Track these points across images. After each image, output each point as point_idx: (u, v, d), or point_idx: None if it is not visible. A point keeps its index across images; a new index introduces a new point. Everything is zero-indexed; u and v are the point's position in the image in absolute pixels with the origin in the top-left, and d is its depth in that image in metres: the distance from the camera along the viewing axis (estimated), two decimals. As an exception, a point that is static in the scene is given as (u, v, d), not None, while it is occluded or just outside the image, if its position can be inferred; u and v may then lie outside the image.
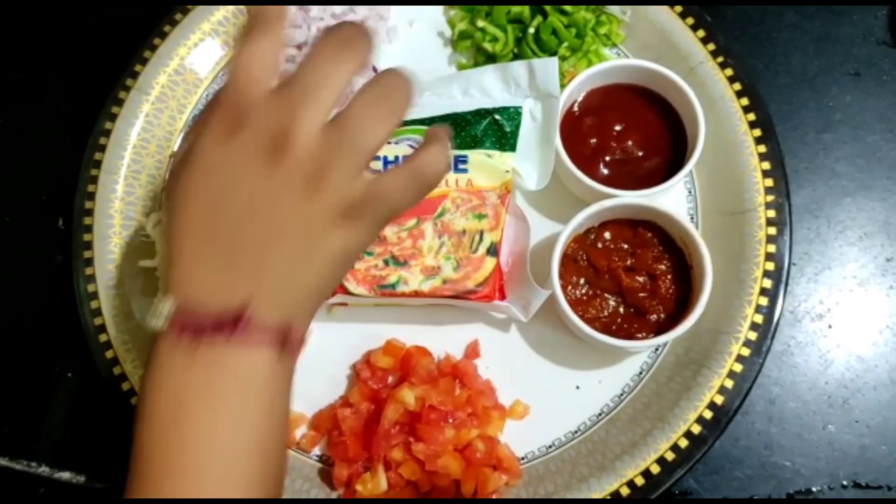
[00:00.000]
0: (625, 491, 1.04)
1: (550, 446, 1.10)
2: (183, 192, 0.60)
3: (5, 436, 1.15)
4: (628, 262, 1.11)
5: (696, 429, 1.05)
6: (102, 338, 1.11)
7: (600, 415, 1.11)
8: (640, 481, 1.04)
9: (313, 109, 0.57)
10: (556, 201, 1.17)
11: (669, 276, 1.10)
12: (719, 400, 1.06)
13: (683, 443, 1.05)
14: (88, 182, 1.16)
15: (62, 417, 1.15)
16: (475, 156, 1.09)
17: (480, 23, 1.20)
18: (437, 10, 1.28)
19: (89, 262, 1.14)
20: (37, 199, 1.25)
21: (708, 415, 1.06)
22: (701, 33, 1.20)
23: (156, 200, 1.19)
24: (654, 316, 1.10)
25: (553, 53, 1.20)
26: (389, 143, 1.09)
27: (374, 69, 1.21)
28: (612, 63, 1.15)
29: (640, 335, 1.08)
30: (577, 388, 1.13)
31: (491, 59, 1.22)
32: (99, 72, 1.26)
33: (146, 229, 1.16)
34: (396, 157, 1.08)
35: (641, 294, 1.10)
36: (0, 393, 1.17)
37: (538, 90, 1.11)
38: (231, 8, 1.23)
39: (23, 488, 1.13)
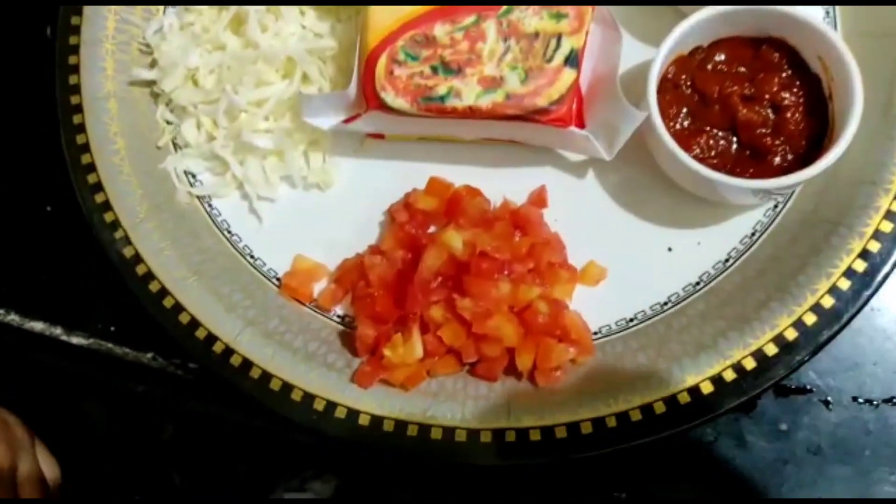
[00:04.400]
0: (729, 375, 0.80)
1: (632, 320, 0.87)
2: None
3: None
4: (746, 90, 0.86)
5: (828, 301, 0.80)
6: (85, 159, 0.91)
7: (698, 284, 0.87)
8: (749, 364, 0.80)
9: None
10: (653, 14, 0.92)
11: (800, 109, 0.85)
12: (860, 266, 0.81)
13: (810, 318, 0.81)
14: (78, -24, 0.96)
15: (36, 259, 0.96)
16: (556, -67, 0.84)
17: None
18: None
19: (74, 69, 0.93)
20: (23, 3, 1.04)
21: (844, 284, 0.81)
22: None
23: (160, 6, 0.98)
24: (778, 158, 0.85)
25: None
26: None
27: None
28: None
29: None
30: (669, 250, 0.89)
31: None
32: None
33: (145, 36, 0.95)
34: None
35: (762, 130, 0.85)
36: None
37: None
38: None
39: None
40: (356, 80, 0.86)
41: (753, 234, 0.88)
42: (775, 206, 0.89)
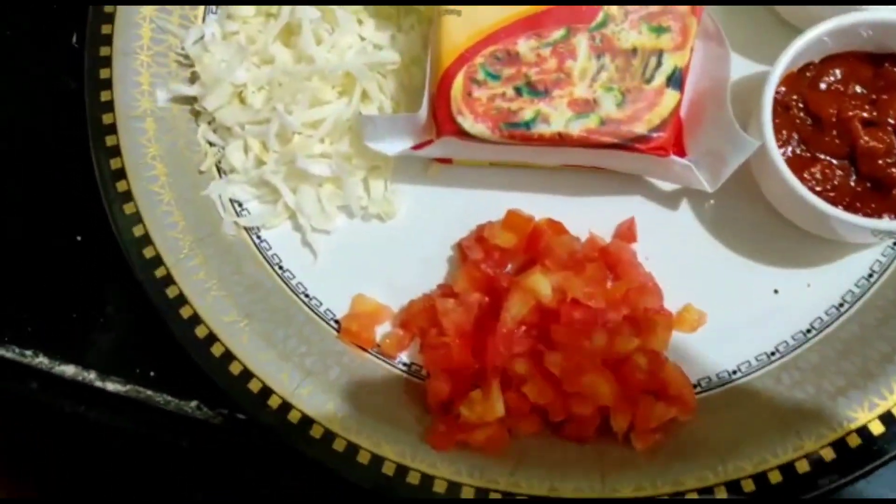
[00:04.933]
0: (853, 441, 0.71)
1: (735, 372, 0.78)
2: None
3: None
4: (867, 113, 0.76)
5: (967, 356, 0.71)
6: (121, 186, 0.81)
7: (809, 332, 0.78)
8: (877, 429, 0.71)
9: None
10: (757, 24, 0.83)
11: (931, 136, 0.75)
12: None
13: (947, 376, 0.71)
14: (109, -22, 0.85)
15: (66, 295, 0.87)
16: (657, -64, 0.74)
17: None
18: None
19: (106, 83, 0.83)
20: (45, 7, 0.94)
21: None
22: None
23: (199, 10, 0.88)
24: (904, 192, 0.75)
25: None
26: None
27: None
28: None
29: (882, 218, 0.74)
30: (776, 292, 0.80)
31: None
32: None
33: (185, 46, 0.85)
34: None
35: (885, 160, 0.75)
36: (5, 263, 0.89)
37: None
38: None
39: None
40: (427, 101, 0.76)
41: (871, 276, 0.79)
42: (895, 244, 0.79)
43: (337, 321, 0.82)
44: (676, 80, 0.73)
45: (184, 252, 0.80)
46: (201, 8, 0.87)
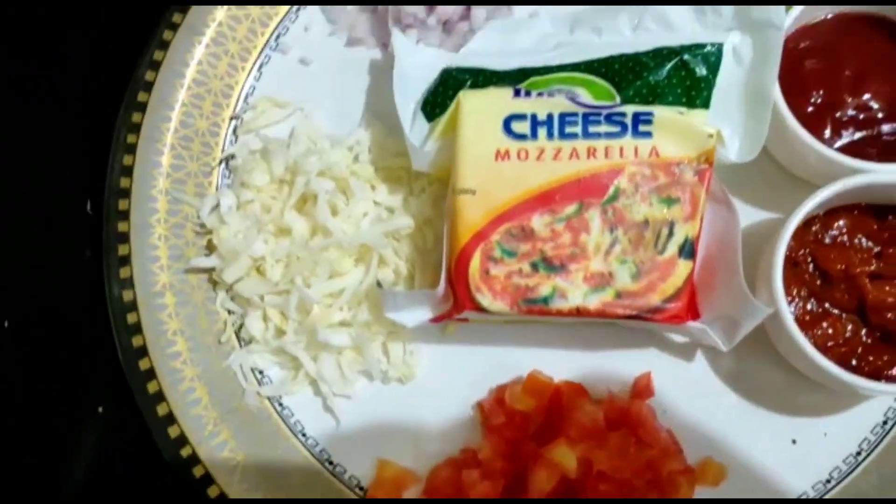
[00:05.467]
0: None
1: (758, 526, 0.79)
2: None
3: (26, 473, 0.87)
4: (874, 266, 0.78)
5: None
6: (143, 364, 0.82)
7: (829, 482, 0.79)
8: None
9: None
10: (757, 177, 0.85)
11: (936, 288, 0.77)
12: None
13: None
14: (124, 152, 0.87)
15: (88, 461, 0.87)
16: (663, 112, 0.76)
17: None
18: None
19: (125, 260, 0.85)
20: (59, 174, 0.95)
21: None
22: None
23: (214, 177, 0.89)
24: (914, 345, 0.77)
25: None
26: (540, 94, 0.77)
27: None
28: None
29: (893, 372, 0.76)
30: (794, 442, 0.82)
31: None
32: (142, 6, 0.96)
33: (200, 216, 0.86)
34: (549, 115, 0.76)
35: (894, 313, 0.77)
36: (21, 422, 0.89)
37: (749, 18, 0.78)
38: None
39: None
40: (445, 276, 0.77)
41: (885, 423, 0.80)
42: (908, 390, 0.81)
43: (362, 488, 0.82)
44: (688, 250, 0.75)
45: (208, 430, 0.81)
46: (215, 175, 0.89)
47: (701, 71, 0.78)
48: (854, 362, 0.77)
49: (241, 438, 0.82)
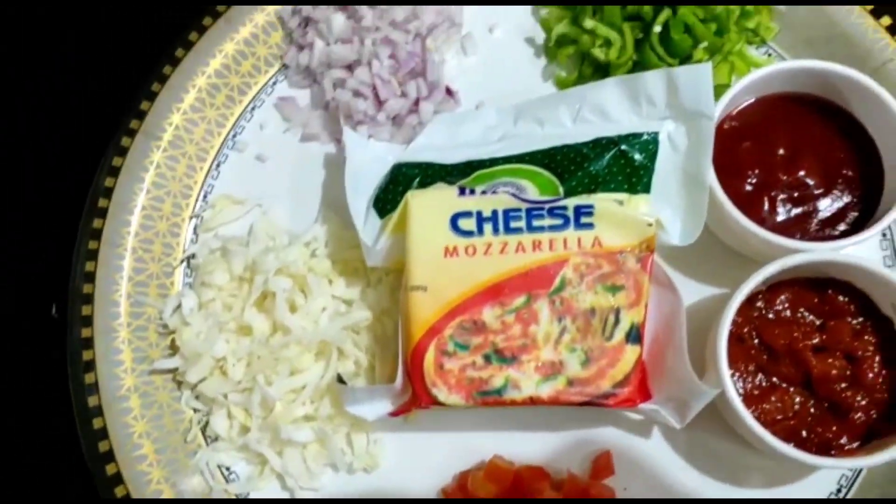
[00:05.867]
0: None
1: None
2: None
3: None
4: (816, 339, 0.81)
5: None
6: (110, 469, 0.83)
7: (788, 552, 0.81)
8: None
9: None
10: (701, 255, 0.87)
11: (877, 358, 0.80)
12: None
13: None
14: (86, 258, 0.89)
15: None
16: (602, 203, 0.79)
17: (588, 23, 0.90)
18: (524, 11, 0.98)
19: (89, 366, 0.86)
20: (26, 277, 0.97)
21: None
22: (887, 21, 0.90)
23: (175, 276, 0.91)
24: (860, 415, 0.80)
25: (685, 58, 0.90)
26: (484, 192, 0.80)
27: (448, 90, 0.93)
28: (778, 67, 0.84)
29: (841, 442, 0.78)
30: (752, 513, 0.82)
31: (602, 70, 0.92)
32: (98, 114, 0.99)
33: (163, 317, 0.88)
34: (494, 211, 0.79)
35: (840, 385, 0.79)
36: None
37: (681, 108, 0.82)
38: (258, 23, 0.96)
39: None
40: (402, 372, 0.79)
41: (839, 491, 0.82)
42: (858, 456, 0.83)
43: (333, 583, 0.83)
44: (635, 335, 0.78)
45: (177, 533, 0.82)
46: (177, 275, 0.91)
47: (639, 159, 0.81)
48: (804, 433, 0.79)
49: (210, 540, 0.83)
